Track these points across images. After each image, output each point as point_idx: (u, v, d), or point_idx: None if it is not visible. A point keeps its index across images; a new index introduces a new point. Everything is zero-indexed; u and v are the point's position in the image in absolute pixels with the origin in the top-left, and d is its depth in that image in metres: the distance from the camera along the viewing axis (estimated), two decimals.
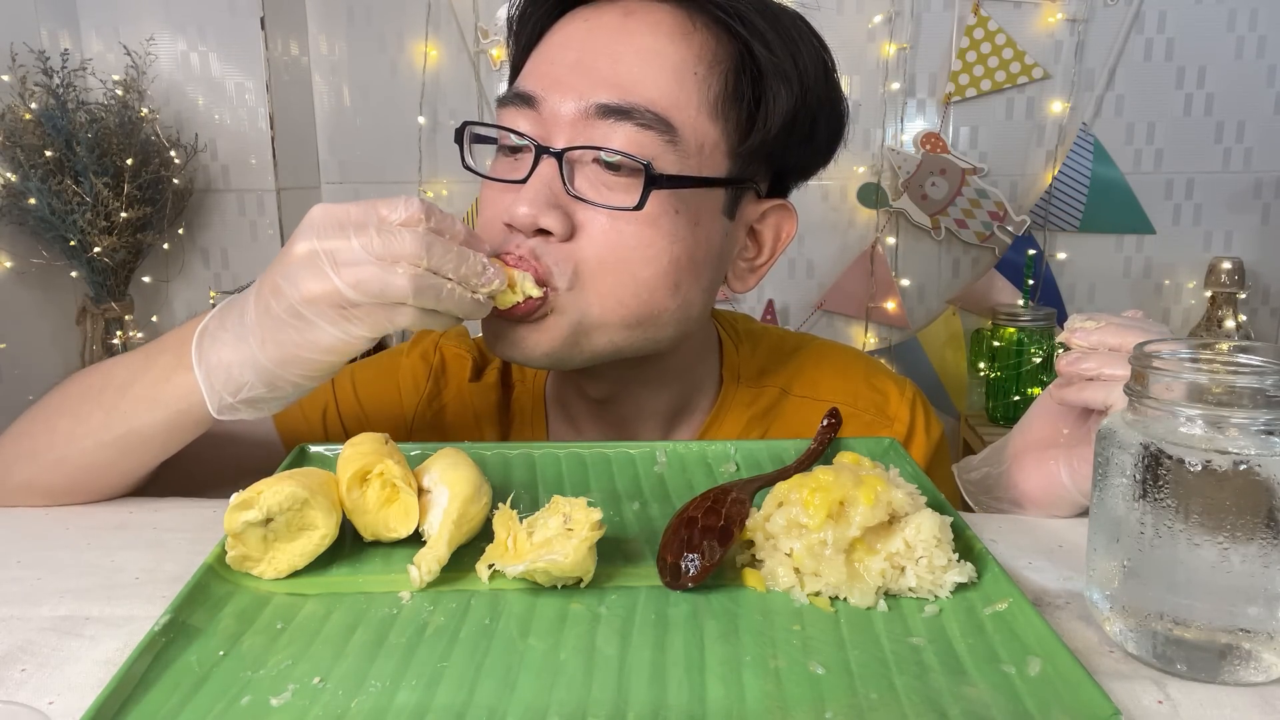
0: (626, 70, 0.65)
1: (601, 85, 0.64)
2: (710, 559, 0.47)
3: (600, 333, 0.66)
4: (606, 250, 0.64)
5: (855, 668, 0.41)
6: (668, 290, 0.67)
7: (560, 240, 0.64)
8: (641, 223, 0.64)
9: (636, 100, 0.64)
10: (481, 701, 0.38)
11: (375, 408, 0.82)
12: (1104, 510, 0.44)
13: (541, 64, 0.68)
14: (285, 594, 0.47)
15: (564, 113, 0.65)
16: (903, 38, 1.76)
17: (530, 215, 0.63)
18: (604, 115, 0.64)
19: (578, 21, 0.69)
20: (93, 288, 1.63)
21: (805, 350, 0.85)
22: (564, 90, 0.65)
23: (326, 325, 0.54)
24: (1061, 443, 0.62)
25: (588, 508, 0.47)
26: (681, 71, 0.66)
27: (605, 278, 0.65)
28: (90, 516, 0.61)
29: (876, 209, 1.80)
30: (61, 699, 0.40)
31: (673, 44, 0.66)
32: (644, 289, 0.66)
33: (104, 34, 1.71)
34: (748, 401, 0.81)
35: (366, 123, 1.88)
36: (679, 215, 0.66)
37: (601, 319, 0.66)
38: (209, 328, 0.59)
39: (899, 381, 0.84)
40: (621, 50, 0.66)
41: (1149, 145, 1.74)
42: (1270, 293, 1.77)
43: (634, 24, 0.67)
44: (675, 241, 0.66)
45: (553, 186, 0.64)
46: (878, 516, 0.46)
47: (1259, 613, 0.40)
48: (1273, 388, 0.40)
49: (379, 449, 0.52)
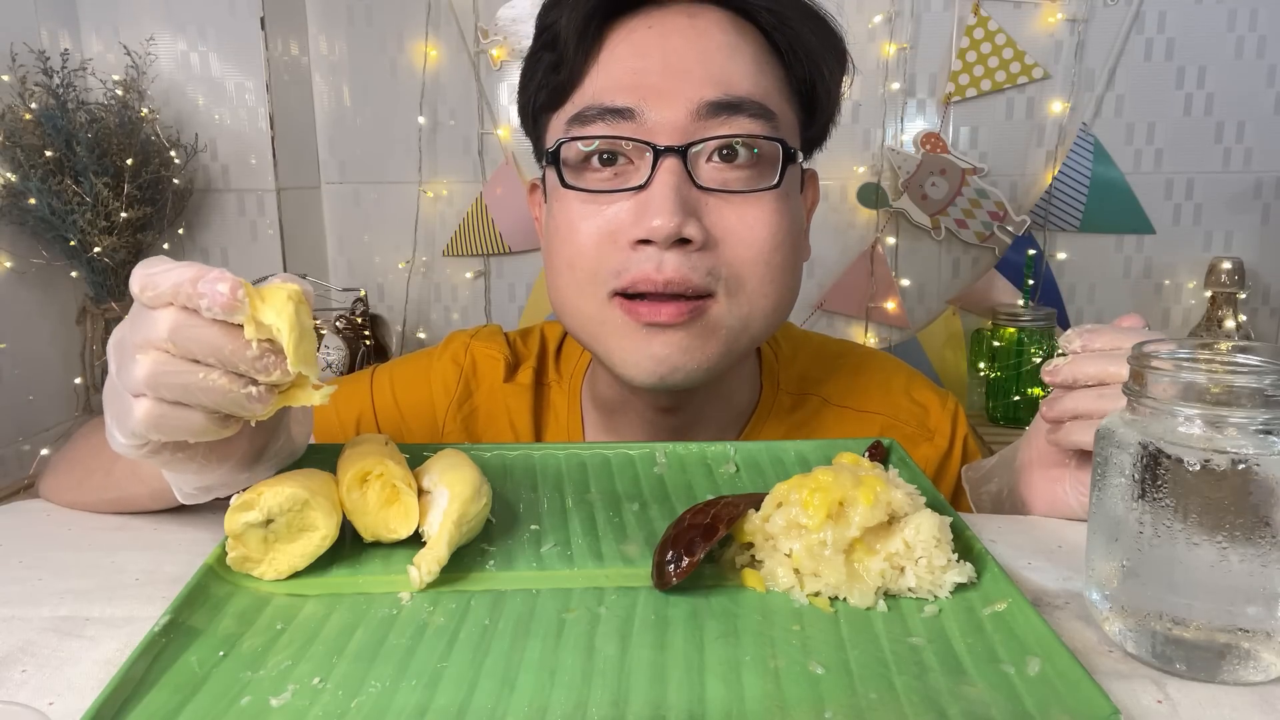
0: (718, 67, 0.65)
1: (704, 84, 0.64)
2: (693, 554, 0.46)
3: (745, 332, 0.67)
4: (745, 248, 0.65)
5: (855, 668, 0.41)
6: (793, 272, 0.69)
7: (698, 249, 0.63)
8: (768, 211, 0.66)
9: (740, 93, 0.65)
10: (481, 702, 0.38)
11: (411, 411, 0.82)
12: (1103, 510, 0.44)
13: (623, 75, 0.66)
14: (285, 595, 0.47)
15: (669, 118, 0.64)
16: (903, 38, 1.76)
17: (672, 224, 0.61)
18: (715, 113, 0.64)
19: (642, 30, 0.67)
20: (93, 288, 1.63)
21: (846, 358, 0.85)
22: (664, 96, 0.64)
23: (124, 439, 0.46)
24: (1069, 464, 0.62)
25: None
26: (759, 62, 0.67)
27: (748, 273, 0.65)
28: (91, 517, 0.61)
29: (876, 209, 1.80)
30: (61, 699, 0.40)
31: (742, 38, 0.68)
32: (779, 275, 0.67)
33: (104, 34, 1.71)
34: (788, 408, 0.80)
35: (366, 123, 1.88)
36: (790, 199, 0.68)
37: (749, 316, 0.66)
38: None
39: (940, 394, 0.84)
40: (706, 48, 0.66)
41: (1149, 145, 1.74)
42: (1270, 293, 1.77)
43: (703, 24, 0.67)
44: (794, 223, 0.68)
45: (680, 191, 0.63)
46: (877, 517, 0.46)
47: (1258, 612, 0.40)
48: (1271, 387, 0.40)
49: (379, 449, 0.52)
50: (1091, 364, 0.57)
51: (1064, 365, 0.58)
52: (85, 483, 0.62)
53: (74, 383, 1.66)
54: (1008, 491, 0.67)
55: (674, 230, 0.61)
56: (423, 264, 1.92)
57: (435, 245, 1.91)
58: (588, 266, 0.66)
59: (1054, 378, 0.59)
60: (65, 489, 0.64)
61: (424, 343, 1.94)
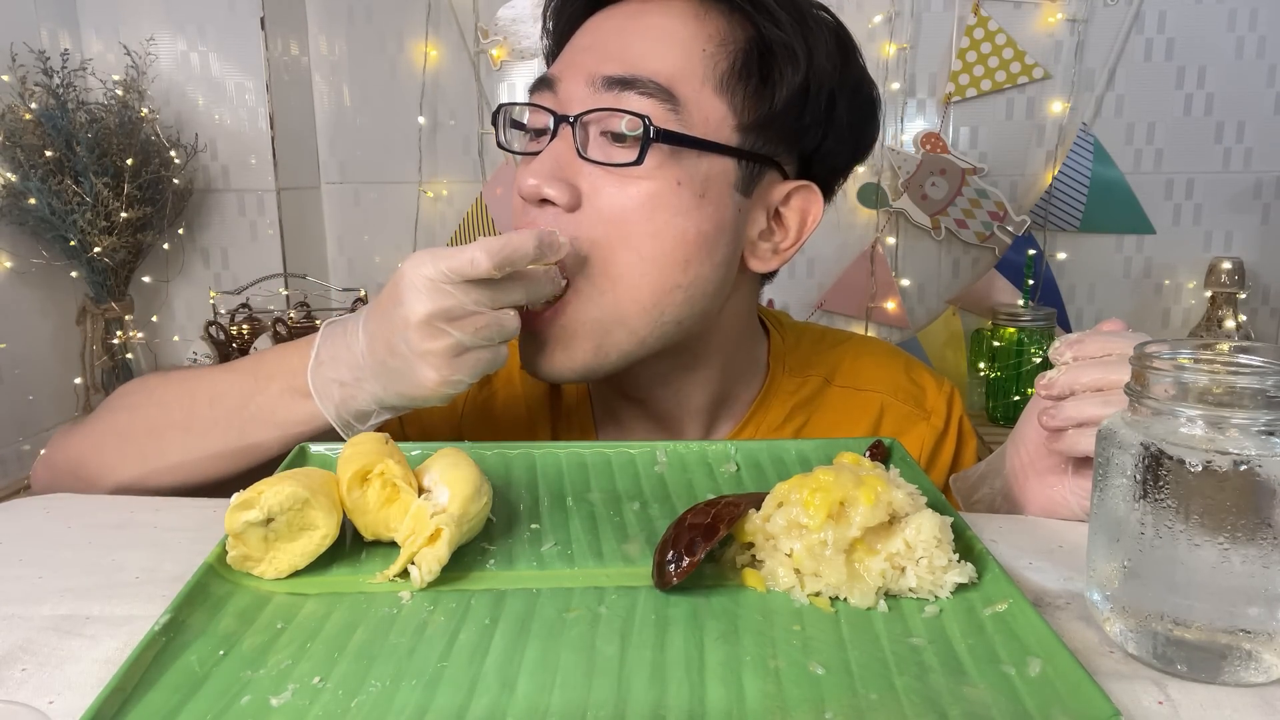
0: (634, 46, 0.68)
1: (608, 60, 0.68)
2: (693, 554, 0.46)
3: (621, 328, 0.68)
4: (609, 222, 0.66)
5: (855, 668, 0.41)
6: (677, 266, 0.67)
7: (565, 210, 0.66)
8: (644, 193, 0.66)
9: (640, 72, 0.66)
10: (481, 701, 0.38)
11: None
12: (1104, 510, 0.44)
13: (565, 53, 0.72)
14: (285, 594, 0.47)
15: (575, 90, 0.68)
16: (903, 38, 1.76)
17: (535, 186, 0.66)
18: (610, 87, 0.66)
19: (600, 16, 0.72)
20: (93, 288, 1.63)
21: (847, 344, 0.87)
22: (574, 69, 0.69)
23: (432, 371, 0.59)
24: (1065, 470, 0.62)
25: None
26: (689, 48, 0.68)
27: (614, 259, 0.66)
28: (91, 515, 0.61)
29: (876, 209, 1.80)
30: (61, 698, 0.40)
31: (683, 24, 0.69)
32: (652, 267, 0.67)
33: (104, 34, 1.71)
34: (791, 390, 0.82)
35: (366, 123, 1.88)
36: (682, 188, 0.67)
37: (617, 309, 0.67)
38: (321, 358, 0.64)
39: (937, 377, 0.86)
40: (632, 30, 0.69)
41: (1149, 145, 1.74)
42: (1270, 293, 1.77)
43: (650, 8, 0.70)
44: (679, 214, 0.67)
45: (561, 159, 0.67)
46: (878, 517, 0.46)
47: (1259, 613, 0.40)
48: (1273, 388, 0.40)
49: (379, 449, 0.52)
50: (1086, 372, 0.57)
51: (1059, 377, 0.58)
52: (189, 443, 0.67)
53: (74, 383, 1.66)
54: (1000, 499, 0.67)
55: (535, 191, 0.66)
56: None
57: (435, 245, 1.90)
58: (514, 225, 0.72)
59: (1050, 391, 0.59)
60: (115, 467, 0.69)
61: None
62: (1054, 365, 0.60)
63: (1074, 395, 0.58)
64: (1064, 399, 0.58)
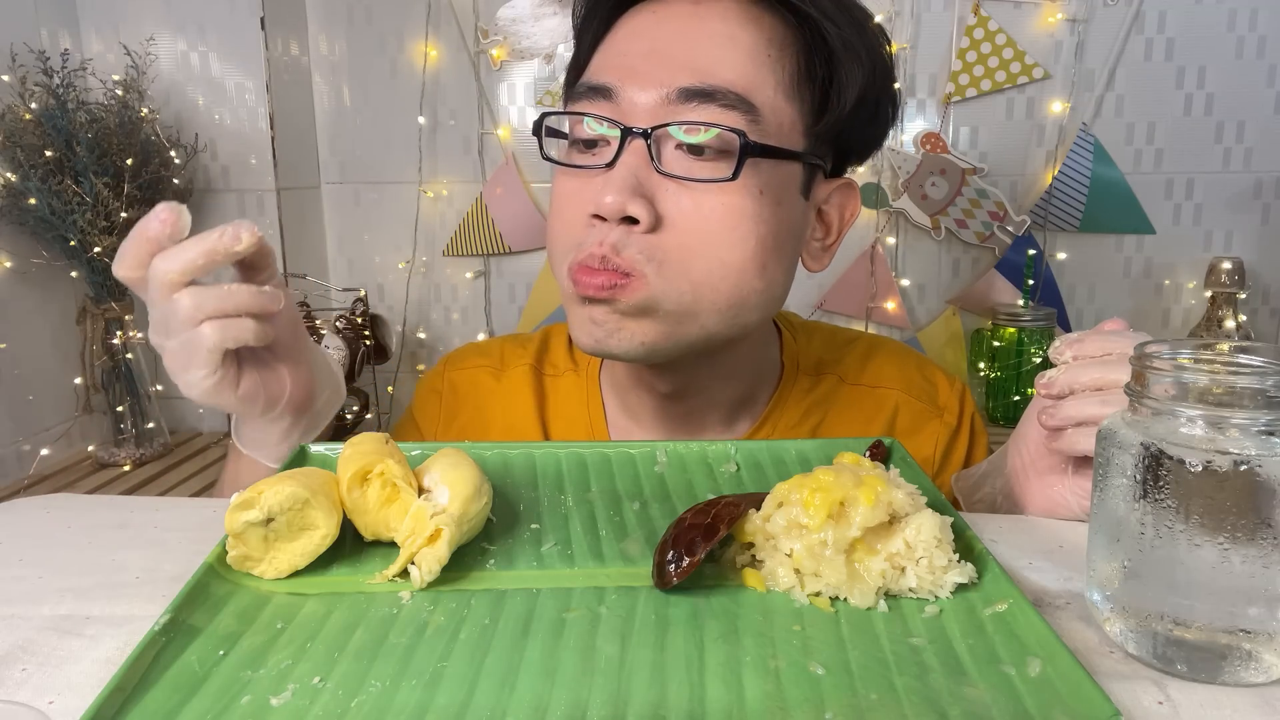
0: (703, 54, 0.65)
1: (681, 70, 0.65)
2: (693, 554, 0.46)
3: (694, 321, 0.67)
4: (692, 237, 0.65)
5: (855, 668, 0.41)
6: (755, 272, 0.67)
7: (645, 231, 0.64)
8: (728, 205, 0.65)
9: (717, 82, 0.64)
10: (481, 701, 0.38)
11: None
12: (1104, 510, 0.44)
13: (612, 56, 0.69)
14: (285, 594, 0.47)
15: (643, 101, 0.65)
16: (903, 38, 1.75)
17: (618, 202, 0.63)
18: (687, 99, 0.64)
19: (645, 14, 0.69)
20: (93, 288, 1.63)
21: (857, 341, 0.87)
22: (642, 79, 0.65)
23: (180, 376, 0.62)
24: (1066, 470, 0.62)
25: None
26: (755, 54, 0.66)
27: (694, 263, 0.65)
28: (91, 515, 0.61)
29: (876, 209, 1.80)
30: (61, 698, 0.40)
31: (744, 29, 0.67)
32: (732, 272, 0.66)
33: (104, 34, 1.71)
34: (806, 389, 0.82)
35: (366, 123, 1.88)
36: (763, 196, 0.66)
37: (695, 306, 0.66)
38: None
39: (947, 374, 0.87)
40: (695, 36, 0.66)
41: (1149, 145, 1.74)
42: (1270, 293, 1.77)
43: (704, 11, 0.68)
44: (760, 223, 0.66)
45: (639, 174, 0.64)
46: (878, 517, 0.46)
47: (1259, 613, 0.40)
48: (1273, 388, 0.40)
49: (379, 448, 0.52)
50: (1086, 371, 0.57)
51: (1059, 376, 0.58)
52: None
53: (74, 383, 1.66)
54: (1001, 498, 0.67)
55: (618, 208, 0.63)
56: (423, 264, 1.92)
57: (435, 245, 1.91)
58: (560, 239, 0.69)
59: (1050, 390, 0.59)
60: None
61: (424, 342, 1.94)
62: (1054, 364, 0.60)
63: (1074, 394, 0.58)
64: (1064, 398, 0.58)
